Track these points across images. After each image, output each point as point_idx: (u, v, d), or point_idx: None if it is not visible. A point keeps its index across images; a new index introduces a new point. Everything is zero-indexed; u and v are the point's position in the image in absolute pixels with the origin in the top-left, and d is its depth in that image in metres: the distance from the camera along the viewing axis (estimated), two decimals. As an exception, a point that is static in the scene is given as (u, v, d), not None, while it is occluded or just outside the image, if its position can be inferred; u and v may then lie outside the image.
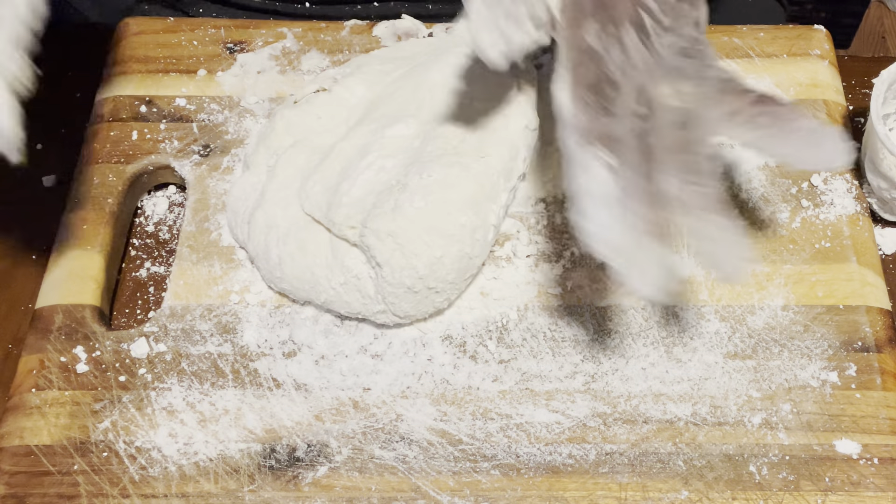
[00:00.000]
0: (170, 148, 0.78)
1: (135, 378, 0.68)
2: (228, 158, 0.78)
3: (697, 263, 0.72)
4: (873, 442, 0.65)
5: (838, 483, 0.64)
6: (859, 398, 0.67)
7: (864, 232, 0.74)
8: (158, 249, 0.76)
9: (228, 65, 0.83)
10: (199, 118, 0.80)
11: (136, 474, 0.64)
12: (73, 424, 0.66)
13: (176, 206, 0.78)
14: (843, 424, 0.66)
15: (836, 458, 0.65)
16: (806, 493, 0.63)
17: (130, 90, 0.81)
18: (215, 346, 0.69)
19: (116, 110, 0.80)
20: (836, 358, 0.69)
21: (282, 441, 0.65)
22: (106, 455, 0.65)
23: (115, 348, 0.69)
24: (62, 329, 0.69)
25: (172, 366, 0.68)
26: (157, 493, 0.63)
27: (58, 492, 0.63)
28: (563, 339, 0.70)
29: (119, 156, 0.78)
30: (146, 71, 0.83)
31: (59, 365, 0.68)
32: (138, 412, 0.66)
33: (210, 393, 0.67)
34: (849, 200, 0.76)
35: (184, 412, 0.66)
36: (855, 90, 0.85)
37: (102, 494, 0.63)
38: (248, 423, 0.66)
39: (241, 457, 0.65)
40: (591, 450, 0.65)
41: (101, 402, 0.66)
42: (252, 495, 0.63)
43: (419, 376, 0.68)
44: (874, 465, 0.64)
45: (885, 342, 0.69)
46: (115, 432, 0.65)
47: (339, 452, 0.65)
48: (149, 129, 0.79)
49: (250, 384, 0.67)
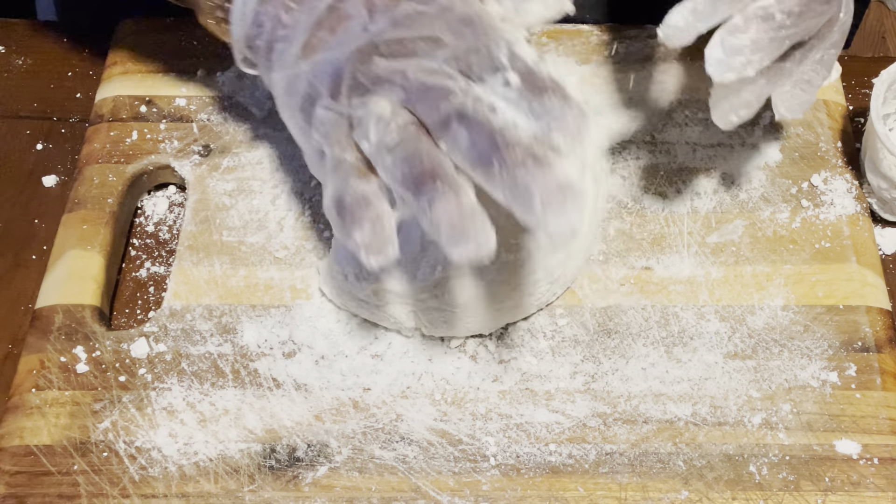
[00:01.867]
0: (170, 148, 0.78)
1: (135, 378, 0.68)
2: (228, 158, 0.78)
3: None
4: (873, 442, 0.65)
5: (838, 483, 0.64)
6: (859, 398, 0.67)
7: (864, 232, 0.74)
8: (158, 249, 0.76)
9: (228, 64, 0.83)
10: (199, 118, 0.80)
11: (136, 474, 0.64)
12: (73, 424, 0.66)
13: (176, 206, 0.78)
14: (843, 424, 0.66)
15: (836, 459, 0.65)
16: (806, 494, 0.63)
17: (130, 90, 0.81)
18: (215, 346, 0.69)
19: (116, 110, 0.80)
20: (836, 358, 0.69)
21: (282, 441, 0.65)
22: (106, 455, 0.64)
23: (115, 348, 0.69)
24: (62, 329, 0.69)
25: (172, 366, 0.68)
26: (157, 493, 0.63)
27: (58, 492, 0.63)
28: (563, 339, 0.70)
29: (119, 156, 0.78)
30: (146, 71, 0.83)
31: (59, 365, 0.68)
32: (138, 412, 0.66)
33: (210, 393, 0.67)
34: (849, 200, 0.76)
35: (184, 412, 0.66)
36: (855, 90, 0.85)
37: (102, 494, 0.63)
38: (248, 423, 0.66)
39: (241, 457, 0.65)
40: (591, 450, 0.65)
41: (101, 402, 0.66)
42: (252, 495, 0.63)
43: (419, 376, 0.68)
44: (874, 465, 0.64)
45: (885, 342, 0.69)
46: (115, 432, 0.65)
47: (339, 452, 0.65)
48: (149, 129, 0.79)
49: (250, 384, 0.67)
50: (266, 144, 0.78)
